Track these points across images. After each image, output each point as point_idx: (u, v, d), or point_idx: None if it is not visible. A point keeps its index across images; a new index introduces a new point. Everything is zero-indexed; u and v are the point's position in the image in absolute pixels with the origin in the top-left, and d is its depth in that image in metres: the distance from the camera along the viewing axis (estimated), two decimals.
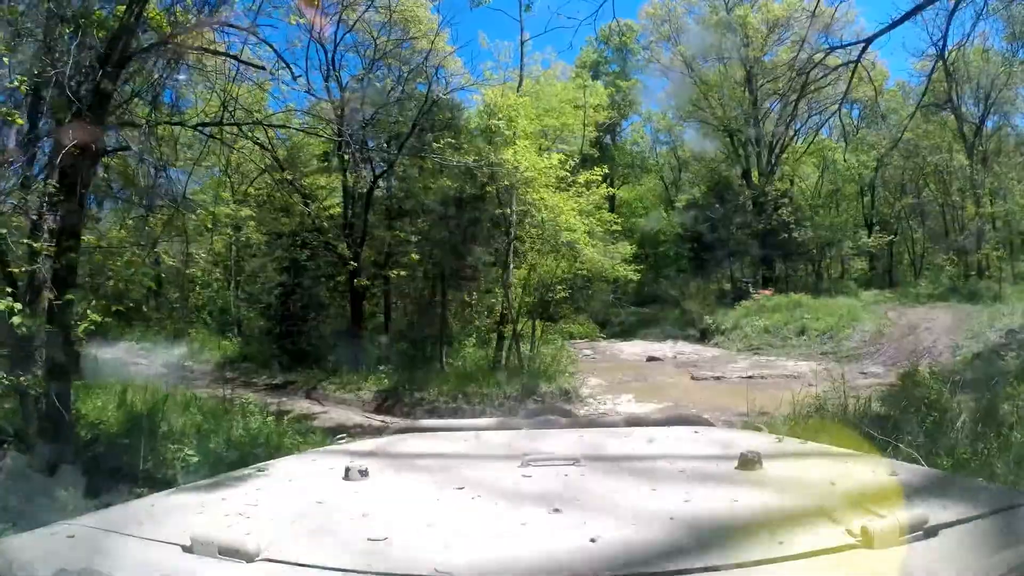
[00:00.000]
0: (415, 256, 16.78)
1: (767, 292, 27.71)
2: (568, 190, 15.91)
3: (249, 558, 1.21)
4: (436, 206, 16.88)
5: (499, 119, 14.95)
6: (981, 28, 24.53)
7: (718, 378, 18.47)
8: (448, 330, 18.10)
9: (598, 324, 26.24)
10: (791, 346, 23.02)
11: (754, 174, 31.98)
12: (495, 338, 17.45)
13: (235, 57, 8.76)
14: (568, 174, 15.61)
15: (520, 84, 18.00)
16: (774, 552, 1.19)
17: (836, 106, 32.31)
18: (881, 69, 28.51)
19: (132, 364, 17.38)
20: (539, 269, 17.24)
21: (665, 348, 24.19)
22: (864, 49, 12.08)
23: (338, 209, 19.01)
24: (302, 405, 14.66)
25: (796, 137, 33.25)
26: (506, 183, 14.83)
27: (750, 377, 18.36)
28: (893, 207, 32.80)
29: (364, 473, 1.74)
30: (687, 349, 24.34)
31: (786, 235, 29.09)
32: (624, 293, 26.89)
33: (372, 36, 16.98)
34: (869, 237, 30.94)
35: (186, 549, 1.27)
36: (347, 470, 1.75)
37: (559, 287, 17.52)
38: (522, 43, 18.15)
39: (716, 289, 31.41)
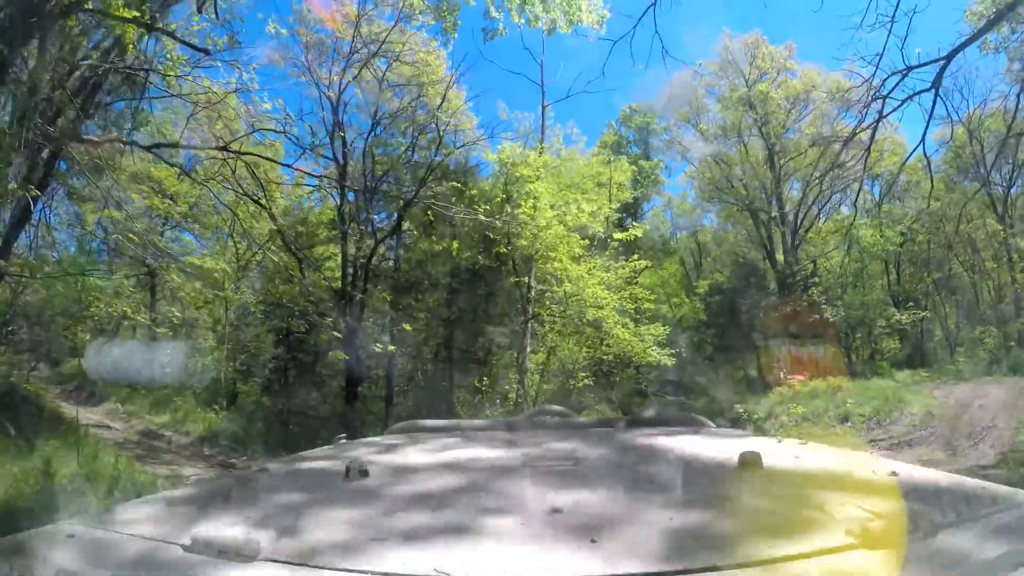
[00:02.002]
0: (408, 326, 14.15)
1: (800, 377, 24.75)
2: (594, 259, 13.37)
3: (249, 558, 1.17)
4: (445, 278, 14.44)
5: (517, 175, 12.58)
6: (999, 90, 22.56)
7: None
8: (456, 418, 15.38)
9: (620, 414, 23.15)
10: (835, 435, 19.95)
11: (778, 255, 29.52)
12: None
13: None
14: (599, 231, 13.05)
15: (540, 155, 15.71)
16: (774, 552, 1.14)
17: (858, 183, 31.43)
18: (900, 142, 26.98)
19: (105, 427, 15.87)
20: (559, 352, 14.66)
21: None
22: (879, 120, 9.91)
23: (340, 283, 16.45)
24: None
25: (819, 215, 30.87)
26: (523, 249, 12.34)
27: None
28: (919, 283, 30.34)
29: (364, 473, 1.70)
30: None
31: (817, 316, 26.30)
32: (648, 381, 24.08)
33: (379, 84, 14.68)
34: (899, 314, 28.02)
35: (186, 549, 1.23)
36: (347, 470, 1.72)
37: (582, 374, 14.75)
38: (543, 109, 15.88)
39: (742, 376, 28.58)
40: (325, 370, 16.37)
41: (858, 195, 21.88)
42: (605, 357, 14.64)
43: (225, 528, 1.32)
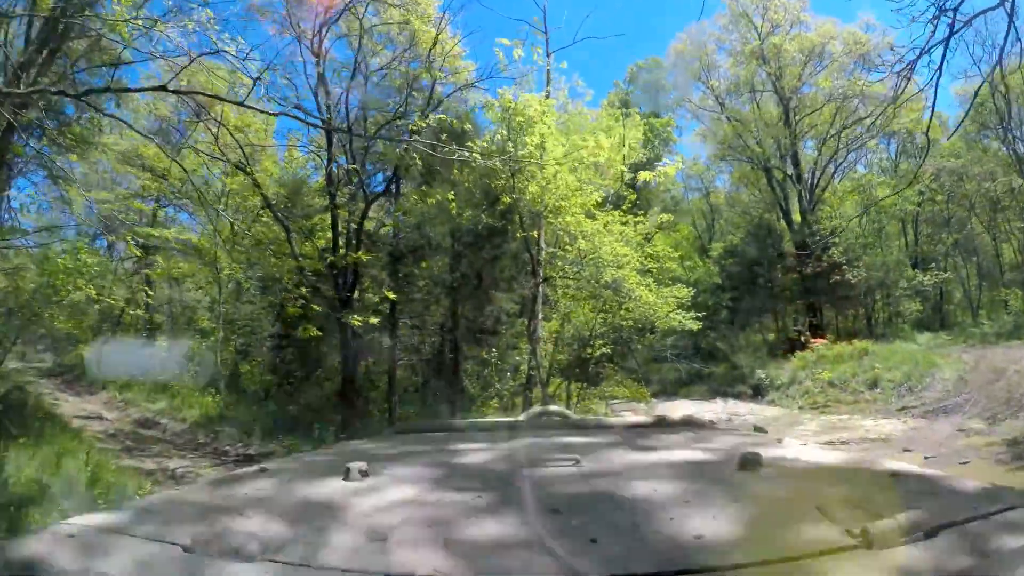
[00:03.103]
0: (395, 295, 12.49)
1: (823, 341, 23.25)
2: (611, 213, 11.78)
3: (249, 558, 1.14)
4: (446, 240, 12.94)
5: (520, 119, 10.99)
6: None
7: None
8: (464, 393, 13.98)
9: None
10: (864, 401, 18.68)
11: (794, 216, 27.88)
12: (521, 403, 13.31)
13: None
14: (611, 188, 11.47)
15: (547, 98, 13.97)
16: (774, 552, 1.12)
17: (875, 141, 29.76)
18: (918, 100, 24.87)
19: (99, 419, 14.71)
20: (574, 319, 13.19)
21: (716, 408, 19.77)
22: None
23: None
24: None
25: (836, 174, 29.13)
26: (531, 205, 10.82)
27: (828, 443, 14.38)
28: (938, 243, 28.90)
29: (364, 473, 1.63)
30: (741, 409, 19.91)
31: (838, 278, 24.73)
32: (666, 348, 22.51)
33: (362, 25, 12.90)
34: (920, 276, 26.38)
35: (186, 549, 1.20)
36: (347, 470, 1.64)
37: (599, 342, 13.22)
38: (548, 56, 14.12)
39: (761, 340, 27.12)
40: (323, 346, 14.96)
41: (880, 144, 19.89)
42: (624, 323, 13.07)
43: (225, 528, 1.27)
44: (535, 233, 12.01)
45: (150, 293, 22.18)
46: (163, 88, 6.96)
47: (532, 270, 12.22)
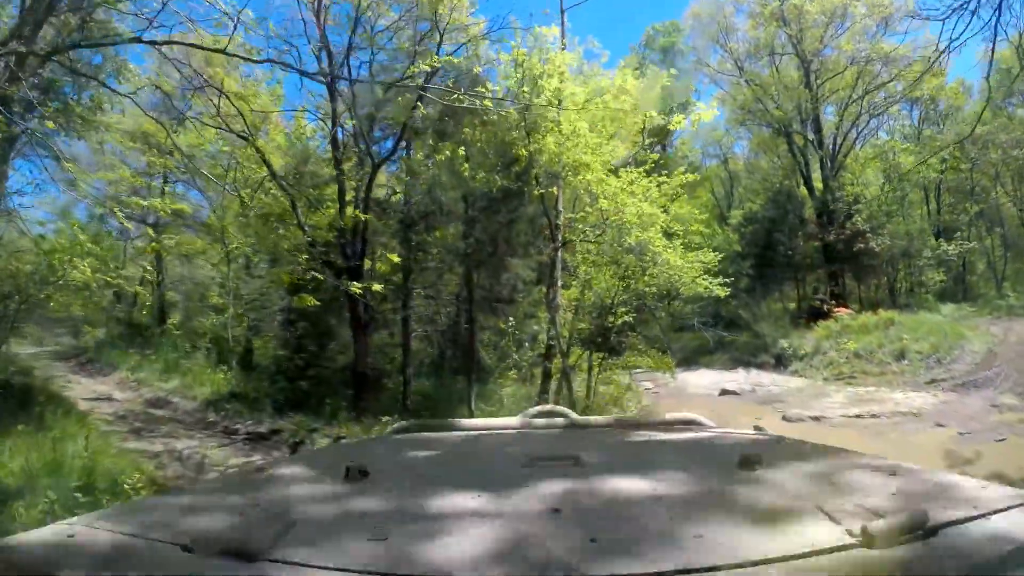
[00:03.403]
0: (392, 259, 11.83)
1: (846, 310, 22.52)
2: (634, 171, 11.06)
3: (249, 558, 1.12)
4: (458, 205, 12.29)
5: (535, 74, 10.26)
6: None
7: (816, 419, 13.86)
8: (480, 365, 13.43)
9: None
10: (891, 373, 18.09)
11: (815, 182, 26.99)
12: (540, 375, 12.76)
13: None
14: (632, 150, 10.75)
15: (562, 52, 13.17)
16: (774, 552, 1.09)
17: (897, 107, 28.73)
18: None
19: (108, 400, 14.61)
20: (595, 286, 12.55)
21: (738, 378, 19.25)
22: None
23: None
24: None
25: (858, 140, 28.15)
26: (547, 165, 10.12)
27: (857, 416, 14.03)
28: (961, 213, 27.76)
29: (364, 473, 1.60)
30: (764, 379, 19.50)
31: (861, 246, 23.90)
32: (688, 316, 21.80)
33: None
34: (945, 245, 25.49)
35: (186, 549, 1.17)
36: (347, 470, 1.61)
37: (621, 309, 12.58)
38: (563, 11, 13.29)
39: (782, 308, 26.42)
40: (333, 319, 14.45)
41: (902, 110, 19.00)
42: (647, 289, 12.41)
43: (225, 528, 1.26)
44: (553, 191, 11.32)
45: (157, 272, 21.90)
46: (138, 40, 6.37)
47: (550, 234, 11.58)
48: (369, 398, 12.70)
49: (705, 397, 17.02)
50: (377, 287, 11.12)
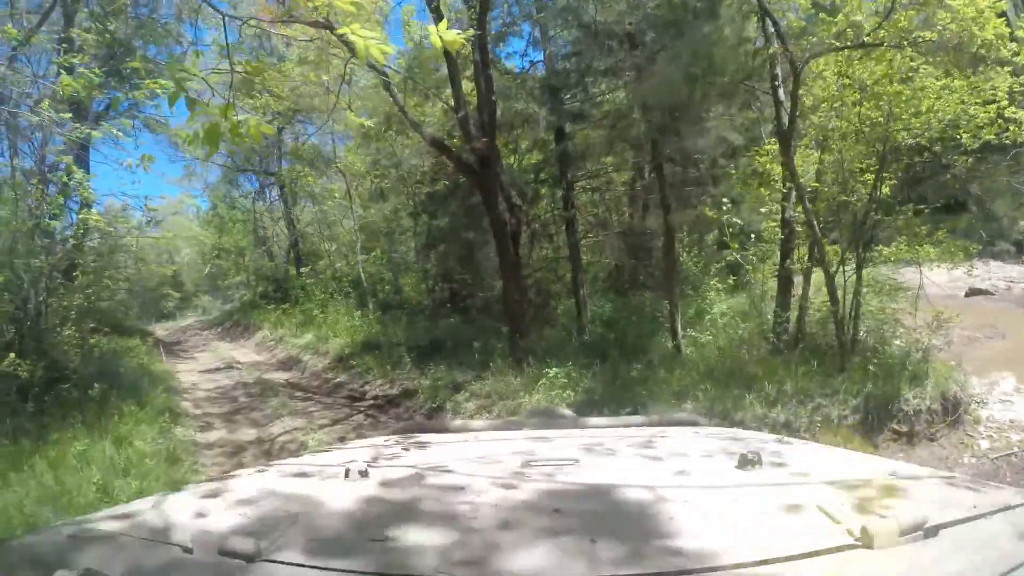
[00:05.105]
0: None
1: None
2: None
3: (249, 558, 1.09)
4: (620, 49, 8.16)
5: None
6: None
7: None
8: (680, 277, 9.43)
9: None
10: None
11: None
12: (772, 282, 8.62)
13: None
14: None
15: None
16: (774, 552, 1.08)
17: None
18: None
19: (228, 369, 13.15)
20: (833, 146, 7.98)
21: (981, 273, 13.81)
22: None
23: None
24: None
25: None
26: None
27: None
28: None
29: (364, 473, 1.56)
30: (1011, 272, 14.68)
31: None
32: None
33: None
34: None
35: (186, 549, 1.15)
36: (347, 470, 1.56)
37: (886, 173, 7.84)
38: None
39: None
40: (474, 234, 10.98)
41: None
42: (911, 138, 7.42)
43: (225, 528, 1.22)
44: None
45: (288, 218, 20.15)
46: None
47: (779, 46, 7.12)
48: (531, 333, 9.15)
49: (946, 298, 11.68)
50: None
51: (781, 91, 8.37)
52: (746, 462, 1.54)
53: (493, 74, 8.94)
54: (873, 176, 7.91)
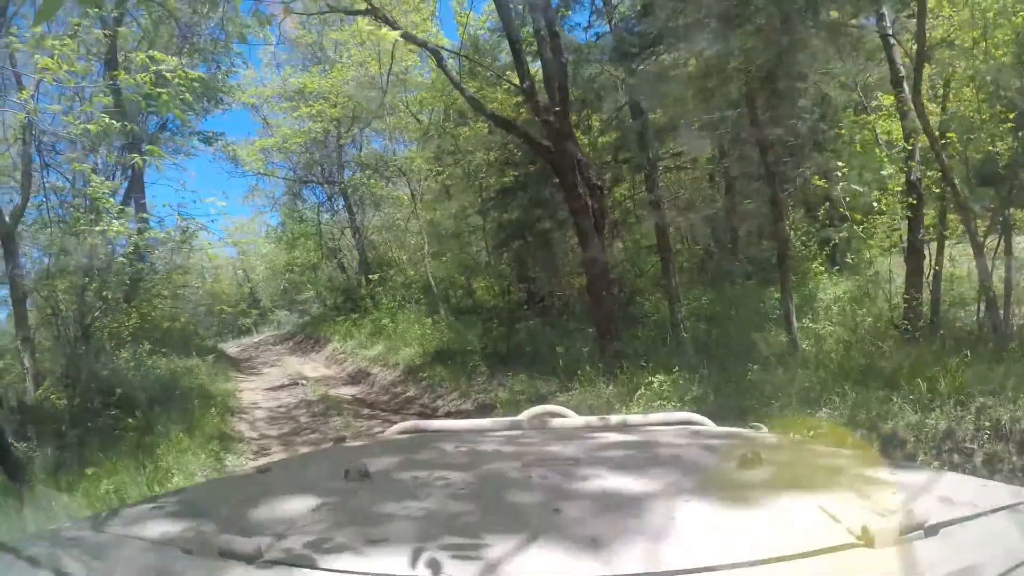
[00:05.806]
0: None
1: None
2: None
3: (249, 559, 1.06)
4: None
5: None
6: None
7: None
8: (789, 255, 8.22)
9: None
10: None
11: None
12: (885, 261, 7.44)
13: None
14: None
15: None
16: (774, 552, 1.05)
17: None
18: None
19: (292, 387, 12.27)
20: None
21: None
22: None
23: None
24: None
25: None
26: None
27: None
28: None
29: (364, 473, 1.49)
30: None
31: None
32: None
33: None
34: None
35: (185, 550, 1.11)
36: (347, 471, 1.50)
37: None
38: None
39: None
40: (550, 224, 10.01)
41: None
42: None
43: (225, 528, 1.17)
44: None
45: (352, 226, 19.89)
46: None
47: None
48: (619, 334, 8.10)
49: None
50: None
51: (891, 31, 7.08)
52: (746, 461, 1.47)
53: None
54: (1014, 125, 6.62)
